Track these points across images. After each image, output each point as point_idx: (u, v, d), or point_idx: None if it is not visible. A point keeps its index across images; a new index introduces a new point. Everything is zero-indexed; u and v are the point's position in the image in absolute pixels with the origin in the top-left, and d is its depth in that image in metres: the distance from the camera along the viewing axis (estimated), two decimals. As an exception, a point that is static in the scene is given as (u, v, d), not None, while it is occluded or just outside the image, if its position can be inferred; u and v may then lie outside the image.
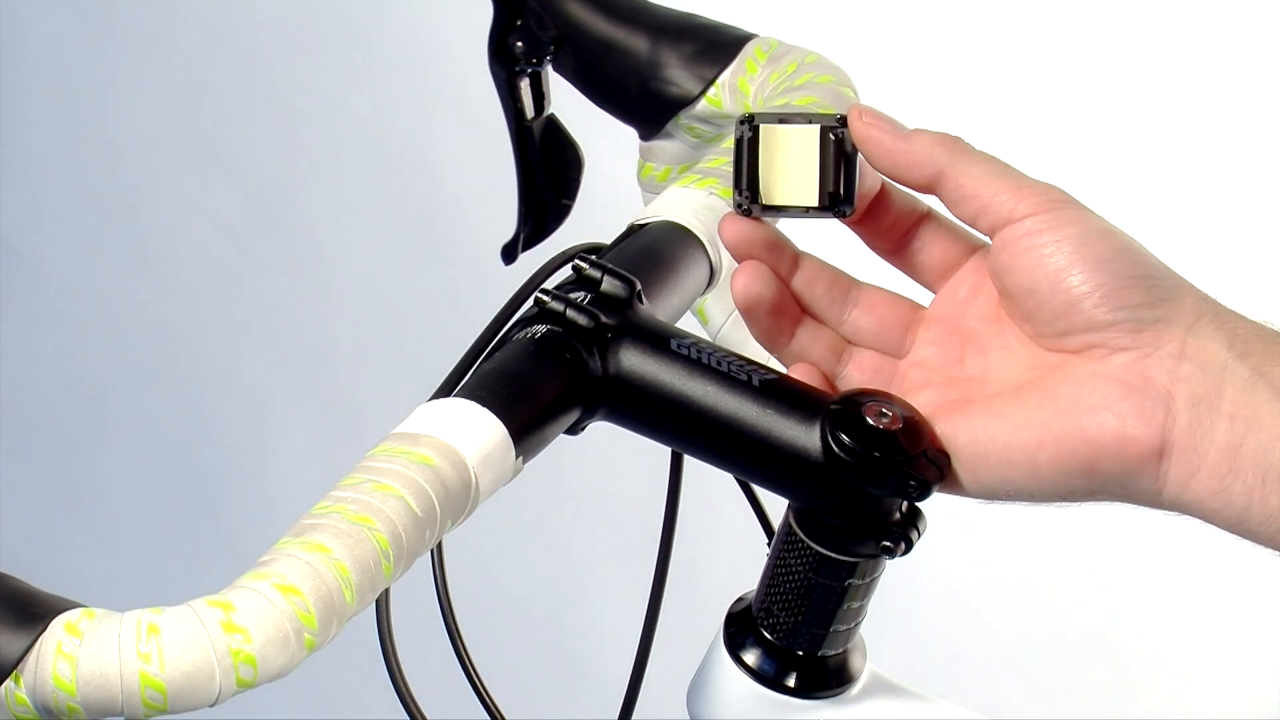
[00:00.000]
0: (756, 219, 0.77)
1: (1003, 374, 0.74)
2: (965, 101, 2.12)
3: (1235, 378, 0.70)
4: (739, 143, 0.75)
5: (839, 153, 0.74)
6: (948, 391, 0.76)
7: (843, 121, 0.75)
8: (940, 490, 0.74)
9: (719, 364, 0.76)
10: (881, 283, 0.80)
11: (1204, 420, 0.70)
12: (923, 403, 0.76)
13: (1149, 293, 0.71)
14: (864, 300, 0.79)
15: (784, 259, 0.78)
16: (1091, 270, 0.71)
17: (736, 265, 0.78)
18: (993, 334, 0.75)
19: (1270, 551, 0.72)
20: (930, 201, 0.77)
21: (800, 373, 0.78)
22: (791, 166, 0.75)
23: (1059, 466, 0.72)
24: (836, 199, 0.75)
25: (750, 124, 0.75)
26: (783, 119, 0.75)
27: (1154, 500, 0.72)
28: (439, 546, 0.82)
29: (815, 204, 0.75)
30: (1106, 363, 0.71)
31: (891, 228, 0.78)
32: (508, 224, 1.02)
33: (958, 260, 0.77)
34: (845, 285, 0.79)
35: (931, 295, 0.79)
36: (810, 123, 0.75)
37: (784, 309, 0.78)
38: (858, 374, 0.78)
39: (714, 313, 0.97)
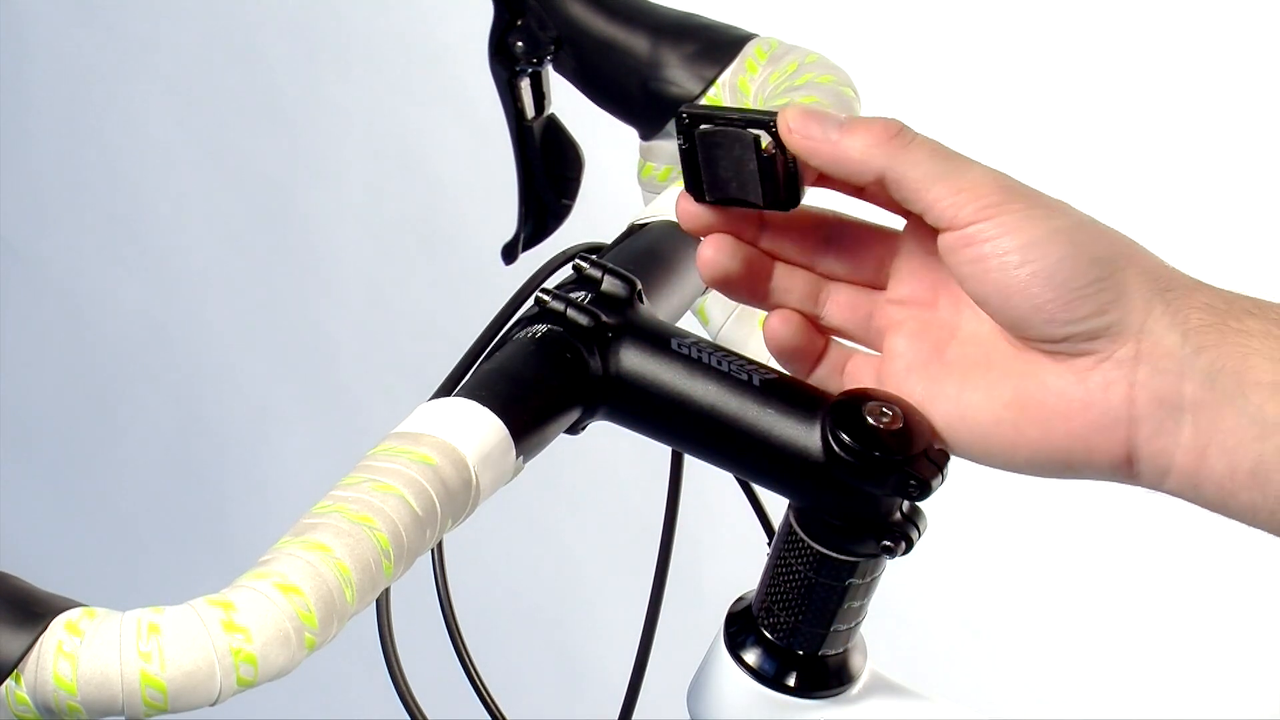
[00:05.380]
0: None
1: (973, 328, 0.74)
2: (965, 101, 2.12)
3: (1194, 374, 0.69)
4: (680, 149, 0.75)
5: (777, 157, 0.73)
6: (921, 339, 0.75)
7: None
8: None
9: (719, 364, 0.76)
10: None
11: (1167, 423, 0.70)
12: (898, 349, 0.75)
13: (1097, 299, 0.70)
14: (836, 237, 0.77)
15: (748, 223, 0.76)
16: (1037, 286, 0.70)
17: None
18: None
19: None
20: None
21: (780, 319, 0.77)
22: (733, 167, 0.74)
23: (1035, 463, 0.73)
24: (780, 200, 0.74)
25: (686, 128, 0.74)
26: (717, 120, 0.73)
27: (1137, 486, 0.72)
28: (439, 546, 0.82)
29: (761, 203, 0.75)
30: (1068, 365, 0.71)
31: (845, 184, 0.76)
32: (508, 224, 1.02)
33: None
34: (815, 227, 0.77)
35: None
36: (746, 127, 0.73)
37: (755, 270, 0.77)
38: (837, 311, 0.77)
39: (714, 312, 0.97)
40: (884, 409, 0.73)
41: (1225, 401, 0.69)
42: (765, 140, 0.73)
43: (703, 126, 0.73)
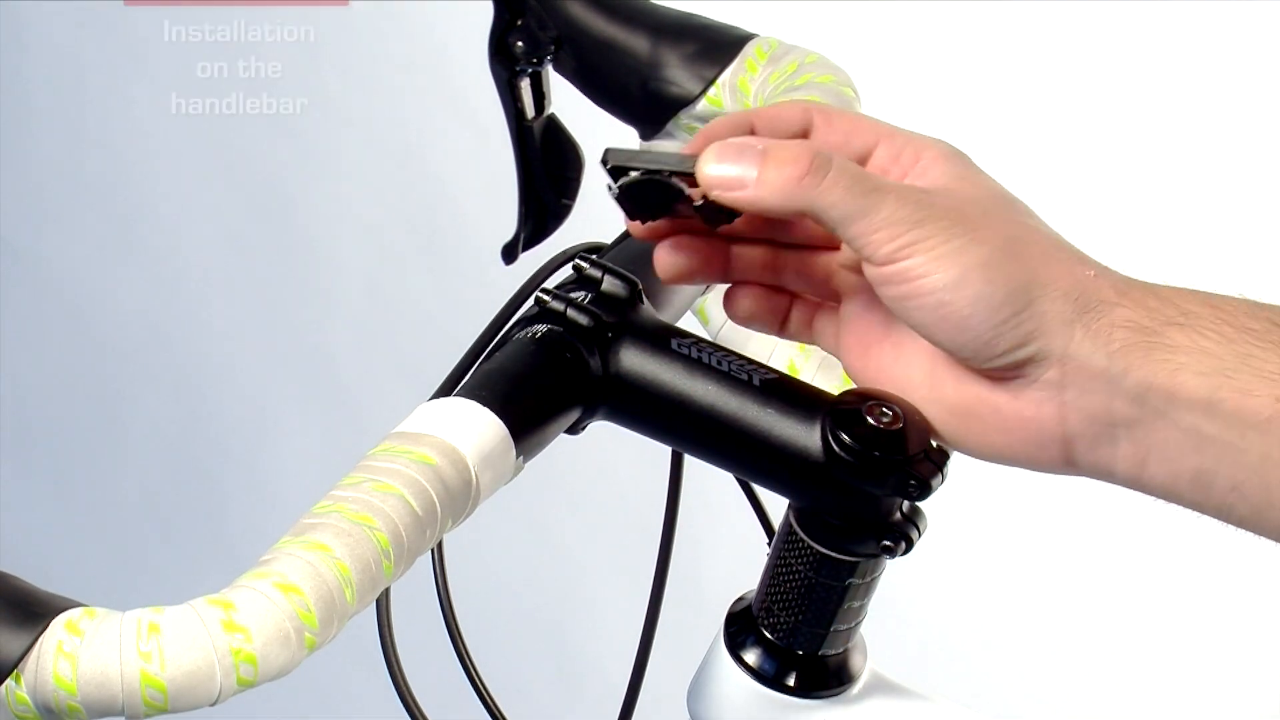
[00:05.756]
0: None
1: None
2: (965, 101, 2.12)
3: (1122, 394, 0.70)
4: (610, 193, 0.75)
5: (705, 196, 0.73)
6: (873, 310, 0.76)
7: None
8: None
9: (719, 363, 0.76)
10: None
11: (1102, 438, 0.71)
12: (852, 315, 0.76)
13: (1016, 333, 0.70)
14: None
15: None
16: (956, 327, 0.70)
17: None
18: None
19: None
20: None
21: (740, 293, 0.78)
22: (665, 204, 0.74)
23: (981, 457, 0.74)
24: (719, 220, 0.75)
25: (612, 173, 0.74)
26: (640, 171, 0.74)
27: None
28: (439, 546, 0.82)
29: (702, 224, 0.75)
30: (1001, 385, 0.72)
31: None
32: (508, 224, 1.02)
33: None
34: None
35: None
36: (670, 176, 0.73)
37: (712, 258, 0.77)
38: (796, 278, 0.78)
39: (714, 312, 0.97)
40: (884, 409, 0.74)
41: (1157, 418, 0.69)
42: (690, 186, 0.73)
43: (627, 177, 0.74)
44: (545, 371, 0.76)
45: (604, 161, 0.74)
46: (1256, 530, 0.70)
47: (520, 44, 0.96)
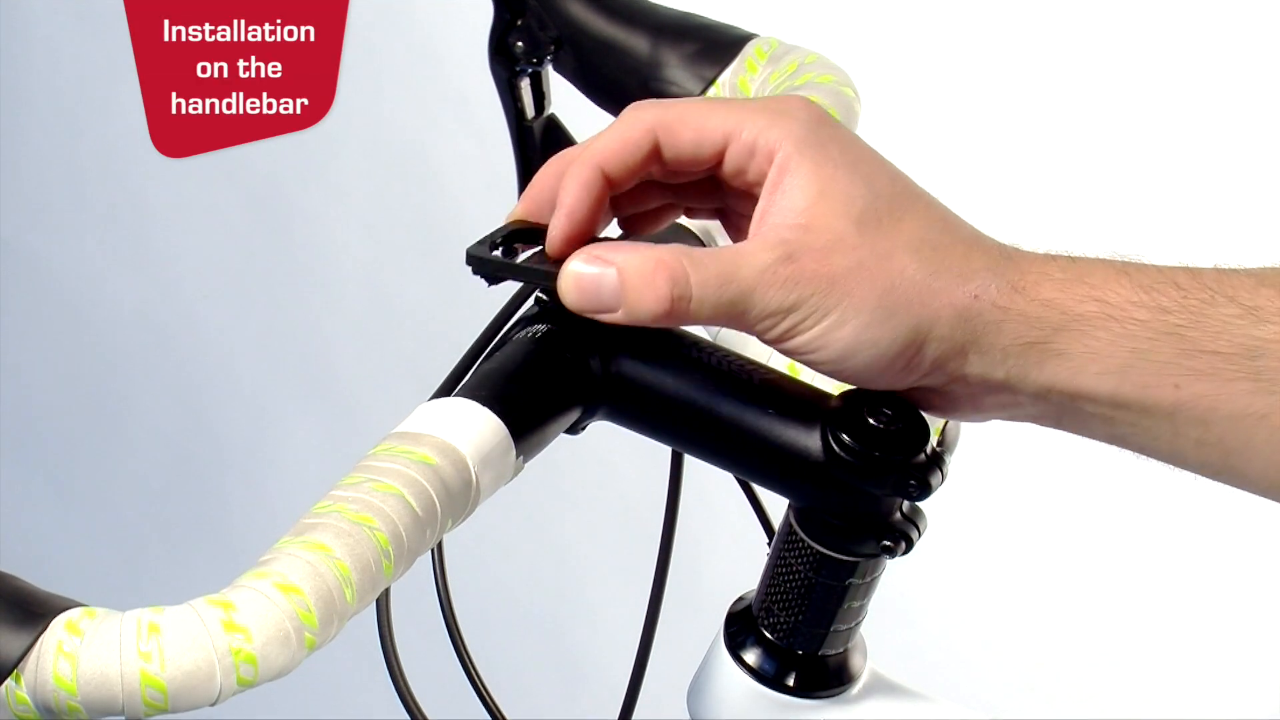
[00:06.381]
0: None
1: None
2: (965, 101, 2.12)
3: (1027, 396, 0.72)
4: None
5: None
6: None
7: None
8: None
9: (719, 363, 0.76)
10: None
11: (1018, 418, 0.74)
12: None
13: (915, 372, 0.72)
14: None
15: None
16: (860, 383, 0.73)
17: None
18: None
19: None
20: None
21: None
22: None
23: None
24: None
25: (485, 275, 0.77)
26: (500, 271, 0.77)
27: None
28: (439, 546, 0.82)
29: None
30: (918, 390, 0.74)
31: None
32: (508, 224, 1.01)
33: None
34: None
35: None
36: (531, 281, 0.76)
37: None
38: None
39: (714, 312, 0.97)
40: (884, 409, 0.74)
41: (1065, 410, 0.72)
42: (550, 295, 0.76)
43: (487, 273, 0.78)
44: (545, 371, 0.76)
45: (467, 254, 0.77)
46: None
47: (520, 44, 0.96)
